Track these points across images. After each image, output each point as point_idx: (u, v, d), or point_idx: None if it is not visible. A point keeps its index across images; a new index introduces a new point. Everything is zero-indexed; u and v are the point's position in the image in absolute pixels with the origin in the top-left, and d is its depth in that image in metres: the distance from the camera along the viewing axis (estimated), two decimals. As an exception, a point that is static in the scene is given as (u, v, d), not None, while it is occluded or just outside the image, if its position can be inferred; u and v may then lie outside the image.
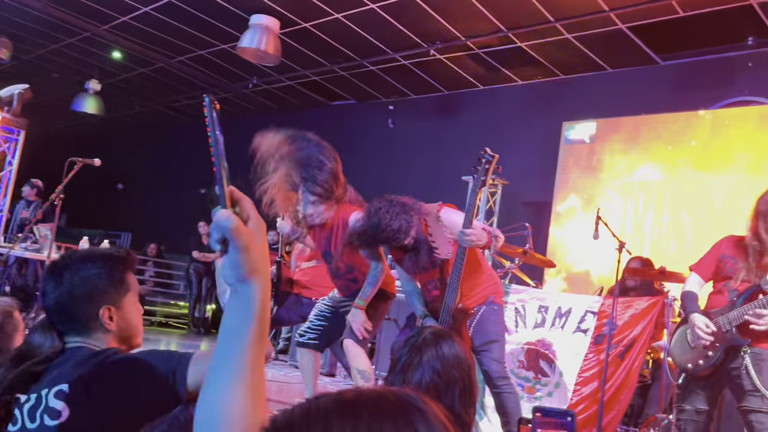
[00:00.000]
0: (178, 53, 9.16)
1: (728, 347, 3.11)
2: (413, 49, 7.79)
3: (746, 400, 3.00)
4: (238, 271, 0.91)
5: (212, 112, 0.92)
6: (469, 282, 3.45)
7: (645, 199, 6.84)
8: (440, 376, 1.60)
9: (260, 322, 0.92)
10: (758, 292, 3.10)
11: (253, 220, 0.94)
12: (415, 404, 0.68)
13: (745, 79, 6.54)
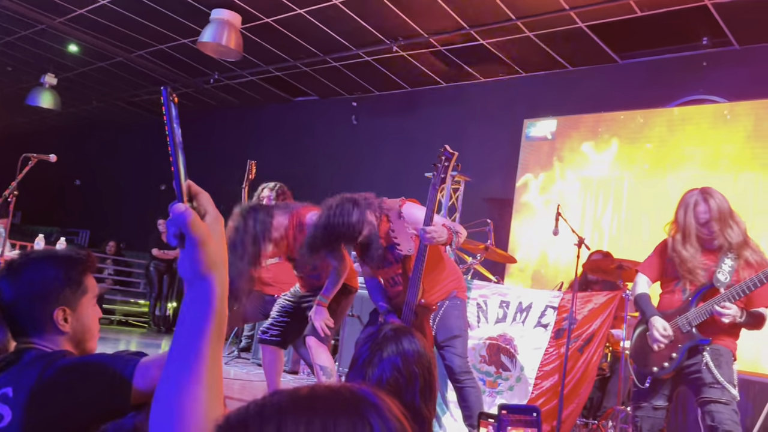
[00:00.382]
0: (137, 47, 9.00)
1: (690, 347, 3.15)
2: (376, 45, 7.79)
3: (706, 392, 3.06)
4: (195, 266, 0.89)
5: (170, 104, 0.89)
6: (431, 277, 3.46)
7: (604, 196, 6.96)
8: (401, 372, 1.60)
9: (218, 317, 0.90)
10: (711, 290, 3.16)
11: (210, 214, 0.93)
12: (369, 400, 0.68)
13: (700, 78, 6.69)
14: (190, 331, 0.89)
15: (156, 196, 10.99)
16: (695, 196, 3.29)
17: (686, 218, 3.27)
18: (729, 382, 3.05)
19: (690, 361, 3.15)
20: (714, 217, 3.20)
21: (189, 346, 0.89)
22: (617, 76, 7.29)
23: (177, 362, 0.89)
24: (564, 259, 6.93)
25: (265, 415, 0.65)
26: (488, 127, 8.00)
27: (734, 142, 6.24)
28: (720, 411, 2.98)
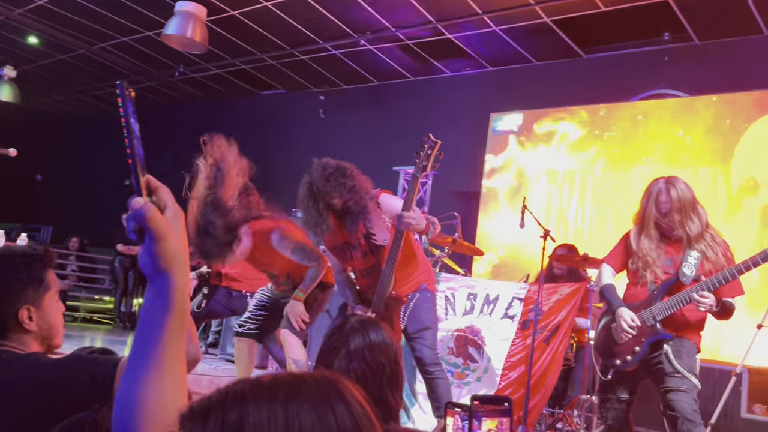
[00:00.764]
0: (99, 40, 8.84)
1: (654, 341, 3.14)
2: (344, 38, 7.77)
3: (666, 382, 3.05)
4: (154, 261, 0.89)
5: (126, 99, 0.89)
6: (403, 270, 3.47)
7: (569, 189, 7.06)
8: (367, 363, 1.61)
9: (179, 312, 0.90)
10: (677, 284, 3.15)
11: (170, 209, 0.92)
12: (332, 385, 0.69)
13: (661, 72, 6.82)
14: (151, 325, 0.89)
15: (121, 191, 10.80)
16: (659, 185, 3.24)
17: (647, 208, 3.25)
18: (689, 371, 3.05)
19: (653, 354, 3.16)
20: (675, 207, 3.15)
21: (150, 339, 0.89)
22: (581, 71, 7.39)
23: (138, 356, 0.89)
24: (530, 251, 7.01)
25: (227, 403, 0.66)
26: (455, 120, 8.04)
27: (694, 136, 6.38)
28: (680, 399, 2.98)
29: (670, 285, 3.18)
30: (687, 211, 3.17)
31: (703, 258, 3.14)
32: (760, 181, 5.94)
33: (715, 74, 6.45)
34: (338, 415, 0.67)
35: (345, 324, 1.72)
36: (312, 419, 0.65)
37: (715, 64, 6.49)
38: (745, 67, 6.30)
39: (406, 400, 4.74)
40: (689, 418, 2.93)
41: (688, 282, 3.11)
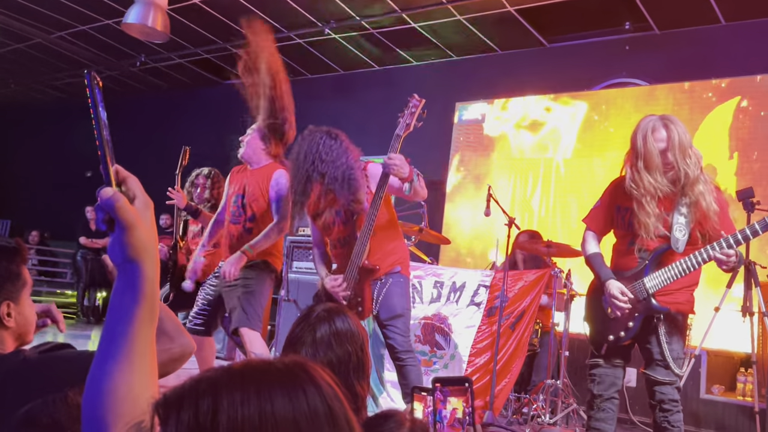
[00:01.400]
0: (57, 28, 8.63)
1: (646, 316, 2.97)
2: (308, 28, 7.71)
3: (652, 369, 2.98)
4: (125, 251, 0.89)
5: (94, 88, 0.89)
6: (381, 245, 3.46)
7: (533, 177, 7.14)
8: (334, 352, 1.63)
9: (149, 301, 0.91)
10: (668, 253, 2.94)
11: (139, 198, 0.93)
12: (302, 369, 0.70)
13: (623, 61, 6.92)
14: (121, 314, 0.89)
15: (81, 183, 10.61)
16: (653, 122, 2.96)
17: (647, 145, 2.90)
18: (677, 359, 2.95)
19: (646, 328, 2.99)
20: (673, 145, 2.88)
21: (119, 329, 0.89)
22: (545, 60, 7.46)
23: (108, 346, 0.89)
24: (496, 239, 7.09)
25: (200, 390, 0.66)
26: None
27: (655, 123, 6.49)
28: (662, 392, 2.96)
29: (661, 254, 2.95)
30: (685, 150, 2.89)
31: (694, 209, 2.89)
32: (718, 167, 6.09)
33: (675, 63, 6.57)
34: (310, 397, 0.68)
35: (311, 313, 1.73)
36: (284, 402, 0.66)
37: (675, 53, 6.62)
38: (704, 56, 6.43)
39: (374, 388, 4.77)
40: (667, 408, 2.94)
41: (682, 248, 2.89)
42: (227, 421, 0.64)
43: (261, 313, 3.77)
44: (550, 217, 6.96)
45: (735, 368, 5.25)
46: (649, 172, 2.90)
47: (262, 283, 3.80)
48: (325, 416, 0.67)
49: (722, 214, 2.94)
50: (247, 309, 3.70)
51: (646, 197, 2.91)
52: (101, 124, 0.89)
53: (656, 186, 2.89)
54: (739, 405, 4.89)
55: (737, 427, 4.84)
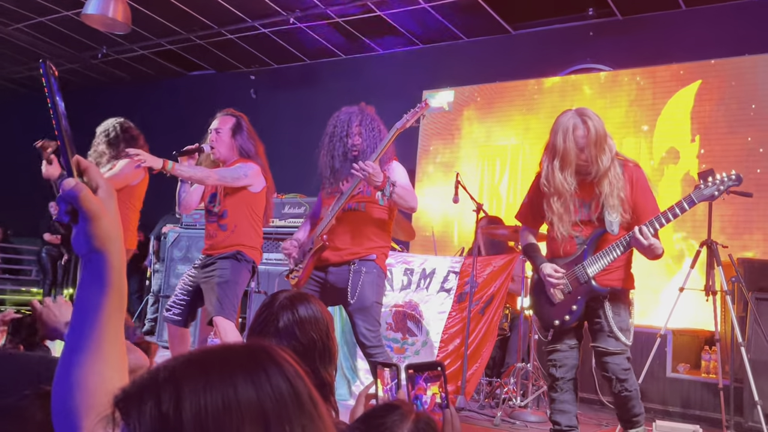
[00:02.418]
0: (13, 20, 8.42)
1: (589, 298, 3.07)
2: (273, 17, 7.64)
3: (600, 341, 3.05)
4: (90, 241, 0.88)
5: (50, 78, 0.88)
6: (360, 230, 3.48)
7: (501, 163, 7.19)
8: (298, 340, 1.61)
9: (117, 290, 0.90)
10: (604, 236, 3.04)
11: (102, 188, 0.92)
12: (263, 350, 0.70)
13: (587, 47, 6.99)
14: (88, 305, 0.89)
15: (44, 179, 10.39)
16: (573, 119, 3.03)
17: (566, 143, 3.00)
18: (624, 330, 3.05)
19: (591, 309, 3.10)
20: (591, 141, 2.98)
21: (87, 320, 0.88)
22: (510, 47, 7.50)
23: (76, 337, 0.88)
24: (465, 225, 7.14)
25: (160, 379, 0.65)
26: (388, 98, 8.02)
27: (618, 108, 6.59)
28: (615, 362, 3.02)
29: (597, 238, 3.06)
30: (601, 144, 2.99)
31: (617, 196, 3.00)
32: (681, 150, 6.20)
33: (637, 48, 6.66)
34: (272, 378, 0.67)
35: (274, 301, 1.71)
36: (247, 385, 0.65)
37: (637, 39, 6.70)
38: (665, 41, 6.53)
39: (348, 375, 4.78)
40: (620, 377, 3.02)
41: (616, 231, 3.00)
42: (191, 409, 0.63)
43: (236, 302, 3.76)
44: (519, 202, 7.00)
45: (700, 347, 5.38)
46: (562, 171, 3.04)
47: (238, 273, 3.78)
48: (289, 395, 0.67)
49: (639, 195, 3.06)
50: (222, 298, 3.69)
51: (554, 196, 3.07)
52: (59, 114, 0.88)
53: (565, 186, 3.03)
54: (704, 382, 5.01)
55: (702, 404, 4.96)
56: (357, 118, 3.60)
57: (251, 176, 3.85)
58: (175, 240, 7.03)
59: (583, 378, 5.25)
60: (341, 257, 3.49)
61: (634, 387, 3.07)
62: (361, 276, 3.43)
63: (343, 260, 3.48)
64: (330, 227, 3.49)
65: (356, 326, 3.44)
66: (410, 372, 1.50)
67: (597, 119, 3.03)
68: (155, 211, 8.63)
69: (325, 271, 3.56)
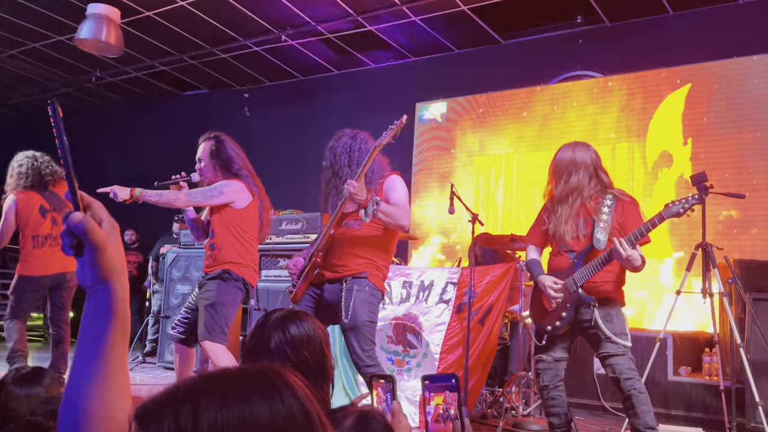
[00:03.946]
0: (7, 47, 8.47)
1: (577, 305, 3.40)
2: (264, 35, 7.70)
3: (602, 348, 3.34)
4: (95, 273, 0.90)
5: (58, 118, 0.92)
6: (353, 248, 3.49)
7: (495, 173, 7.23)
8: (291, 360, 1.61)
9: (121, 320, 0.92)
10: (592, 252, 3.40)
11: (106, 221, 0.95)
12: (276, 372, 0.74)
13: (576, 55, 7.05)
14: (93, 335, 0.91)
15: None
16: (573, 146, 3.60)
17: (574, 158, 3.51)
18: (620, 334, 3.33)
19: (582, 317, 3.40)
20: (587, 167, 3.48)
21: (93, 350, 0.90)
22: (500, 57, 7.55)
23: (82, 367, 0.90)
24: (461, 236, 7.16)
25: (179, 396, 0.69)
26: (382, 112, 8.07)
27: (610, 114, 6.64)
28: (618, 363, 3.29)
29: (587, 253, 3.41)
30: (597, 170, 3.49)
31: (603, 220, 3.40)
32: (673, 153, 6.24)
33: (626, 54, 6.72)
34: (285, 399, 0.71)
35: (266, 321, 1.72)
36: (261, 404, 0.69)
37: (626, 45, 6.76)
38: (653, 46, 6.58)
39: (350, 392, 4.78)
40: (627, 376, 3.26)
41: (603, 246, 3.34)
42: (207, 425, 0.66)
43: (225, 324, 3.72)
44: (514, 210, 7.05)
45: (700, 349, 5.39)
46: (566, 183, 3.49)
47: (224, 293, 3.75)
48: (300, 416, 0.71)
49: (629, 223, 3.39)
50: (208, 322, 3.67)
51: (564, 214, 3.48)
52: (66, 152, 0.92)
53: (581, 184, 3.46)
54: (706, 384, 5.02)
55: (705, 406, 4.96)
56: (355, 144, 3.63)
57: (229, 193, 3.84)
58: (173, 260, 7.04)
59: (585, 384, 5.28)
60: (335, 274, 3.50)
61: (642, 389, 3.26)
62: (353, 294, 3.41)
63: (337, 277, 3.49)
64: (326, 244, 3.51)
65: (350, 345, 3.41)
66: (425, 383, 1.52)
67: (593, 150, 3.56)
68: (153, 232, 8.67)
69: (321, 287, 3.56)
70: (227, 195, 3.83)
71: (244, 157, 4.10)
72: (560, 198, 3.51)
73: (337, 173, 3.58)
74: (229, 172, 3.94)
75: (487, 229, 5.82)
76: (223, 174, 3.93)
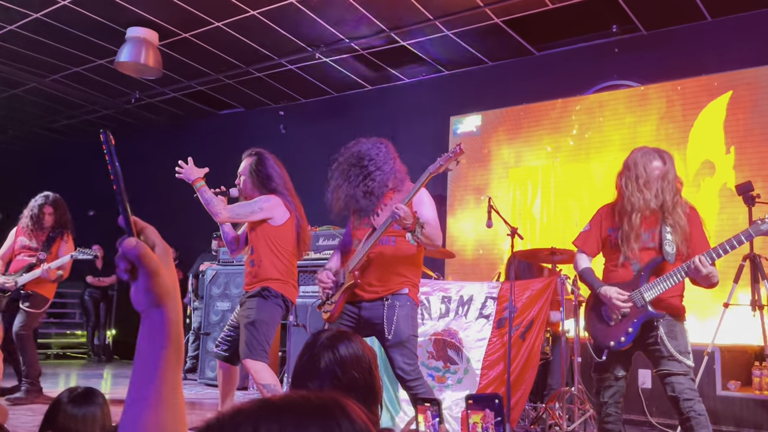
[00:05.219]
0: (51, 72, 8.71)
1: (645, 321, 3.22)
2: (298, 53, 7.78)
3: (664, 365, 3.18)
4: (149, 297, 0.92)
5: (110, 146, 0.94)
6: (390, 265, 3.49)
7: (532, 185, 7.16)
8: (340, 380, 1.60)
9: (175, 343, 0.94)
10: (662, 264, 3.23)
11: (159, 246, 0.96)
12: (337, 403, 0.73)
13: (612, 64, 6.97)
14: (148, 359, 0.92)
15: (84, 222, 10.64)
16: (651, 153, 3.36)
17: (647, 171, 3.29)
18: (684, 352, 3.18)
19: (647, 334, 3.24)
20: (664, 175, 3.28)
21: (148, 374, 0.92)
22: (535, 68, 7.50)
23: (138, 390, 0.91)
24: (500, 249, 7.10)
25: (240, 420, 0.69)
26: (416, 126, 8.10)
27: (649, 123, 6.53)
28: (680, 382, 3.14)
29: (656, 266, 3.25)
30: (672, 181, 3.30)
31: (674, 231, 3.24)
32: (716, 162, 6.11)
33: (664, 62, 6.62)
34: (344, 430, 0.70)
35: (315, 341, 1.72)
36: None
37: (663, 53, 6.66)
38: (692, 54, 6.47)
39: (391, 408, 4.76)
40: (688, 396, 3.11)
41: (673, 260, 3.20)
42: None
43: (265, 342, 3.75)
44: (552, 223, 6.97)
45: (749, 363, 5.23)
46: (643, 193, 3.28)
47: (263, 310, 3.79)
48: None
49: (696, 232, 3.29)
50: (249, 341, 3.71)
51: (636, 213, 3.28)
52: (119, 177, 0.94)
53: (647, 203, 3.26)
54: (757, 399, 4.87)
55: (756, 422, 4.81)
56: (375, 151, 3.62)
57: (267, 209, 3.89)
58: (213, 277, 7.12)
59: (629, 398, 5.16)
60: (375, 293, 3.50)
61: (702, 411, 3.11)
62: (395, 311, 3.43)
63: (376, 296, 3.49)
64: (362, 263, 3.49)
65: (394, 360, 3.42)
66: (469, 402, 1.51)
67: (671, 158, 3.36)
68: (192, 249, 8.78)
69: (358, 306, 3.56)
70: (266, 210, 3.88)
71: (285, 175, 4.14)
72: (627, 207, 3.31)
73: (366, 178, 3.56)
74: (266, 188, 3.98)
75: (525, 243, 5.75)
76: (260, 190, 3.98)
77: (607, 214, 3.46)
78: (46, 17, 7.06)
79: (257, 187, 4.01)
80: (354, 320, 3.56)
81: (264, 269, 3.88)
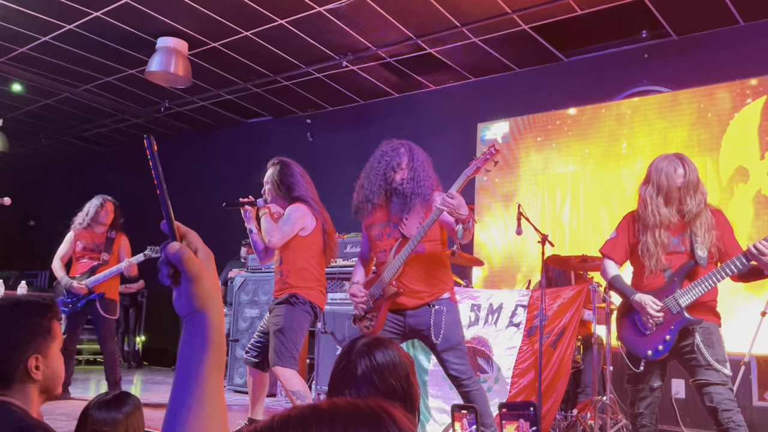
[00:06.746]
0: (82, 81, 8.87)
1: (682, 328, 3.13)
2: (326, 62, 7.82)
3: (701, 375, 3.10)
4: (192, 302, 0.92)
5: (153, 151, 0.94)
6: (428, 271, 3.51)
7: (561, 192, 7.10)
8: (377, 387, 1.58)
9: (217, 349, 0.94)
10: (695, 269, 3.16)
11: (201, 250, 0.97)
12: (385, 411, 0.73)
13: (642, 70, 6.89)
14: (191, 363, 0.92)
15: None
16: (674, 162, 3.28)
17: (669, 182, 3.24)
18: (722, 361, 3.10)
19: (682, 342, 3.16)
20: (687, 183, 3.23)
21: (191, 378, 0.92)
22: (564, 74, 7.45)
23: (180, 395, 0.92)
24: (530, 257, 7.04)
25: (290, 425, 0.70)
26: (443, 133, 8.09)
27: (680, 129, 6.44)
28: (718, 392, 3.06)
29: (688, 270, 3.18)
30: (697, 187, 3.25)
31: (704, 235, 3.18)
32: (749, 168, 6.00)
33: (696, 67, 6.53)
34: None
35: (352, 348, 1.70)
36: None
37: (694, 58, 6.57)
38: (724, 58, 6.37)
39: (422, 415, 4.73)
40: (726, 407, 3.04)
41: (705, 264, 3.14)
42: None
43: (294, 348, 3.78)
44: (582, 230, 6.89)
45: (787, 372, 5.12)
46: (666, 206, 3.25)
47: (292, 318, 3.82)
48: None
49: (726, 234, 3.24)
50: (278, 348, 3.74)
51: (660, 228, 3.25)
52: (162, 182, 0.94)
53: (670, 219, 3.23)
54: (795, 410, 4.76)
55: (794, 433, 4.70)
56: (406, 153, 3.63)
57: (299, 220, 3.93)
58: (241, 284, 7.16)
59: (664, 409, 5.07)
60: (420, 300, 3.50)
61: (741, 422, 3.03)
62: (442, 316, 3.45)
63: (421, 302, 3.49)
64: (398, 273, 3.47)
65: (447, 362, 3.45)
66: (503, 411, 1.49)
67: (693, 165, 3.30)
68: (221, 256, 8.85)
69: (402, 314, 3.55)
70: (299, 221, 3.92)
71: (309, 183, 4.16)
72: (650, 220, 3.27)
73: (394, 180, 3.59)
74: (290, 196, 4.01)
75: (555, 250, 5.70)
76: (284, 198, 4.01)
77: (635, 220, 3.42)
78: (79, 28, 7.19)
79: (281, 195, 4.04)
80: (400, 328, 3.57)
81: (293, 277, 3.91)
